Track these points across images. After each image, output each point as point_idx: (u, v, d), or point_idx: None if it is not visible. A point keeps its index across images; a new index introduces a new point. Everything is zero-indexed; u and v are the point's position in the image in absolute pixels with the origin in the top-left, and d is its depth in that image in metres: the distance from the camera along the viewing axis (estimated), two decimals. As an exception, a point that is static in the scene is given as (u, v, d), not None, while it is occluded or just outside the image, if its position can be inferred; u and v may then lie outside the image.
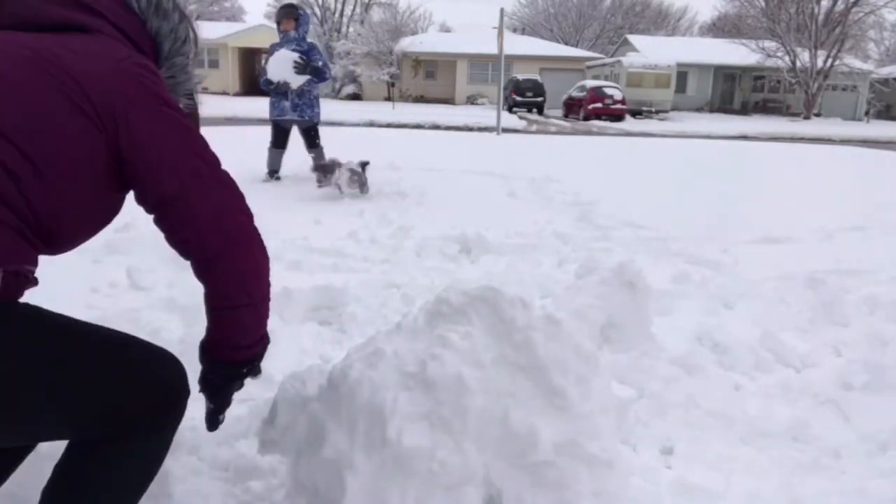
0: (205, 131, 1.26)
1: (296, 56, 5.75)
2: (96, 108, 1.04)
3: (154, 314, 2.53)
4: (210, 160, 1.17)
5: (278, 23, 6.03)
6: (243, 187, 1.23)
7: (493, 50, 17.60)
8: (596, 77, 31.36)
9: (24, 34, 1.09)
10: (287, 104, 5.97)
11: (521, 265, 3.53)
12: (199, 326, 2.41)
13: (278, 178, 6.21)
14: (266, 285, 1.23)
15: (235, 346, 1.24)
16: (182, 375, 1.21)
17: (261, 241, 1.21)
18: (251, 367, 1.31)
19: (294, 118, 6.03)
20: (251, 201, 1.22)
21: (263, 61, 6.12)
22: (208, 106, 5.42)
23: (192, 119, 1.23)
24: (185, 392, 1.22)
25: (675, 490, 1.62)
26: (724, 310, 2.96)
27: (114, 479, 1.15)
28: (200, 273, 1.18)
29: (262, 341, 1.29)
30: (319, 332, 2.62)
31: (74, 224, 1.11)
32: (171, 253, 1.21)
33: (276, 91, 5.94)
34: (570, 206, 5.44)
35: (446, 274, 3.38)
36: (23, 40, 1.07)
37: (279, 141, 6.21)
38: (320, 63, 5.92)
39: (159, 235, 1.18)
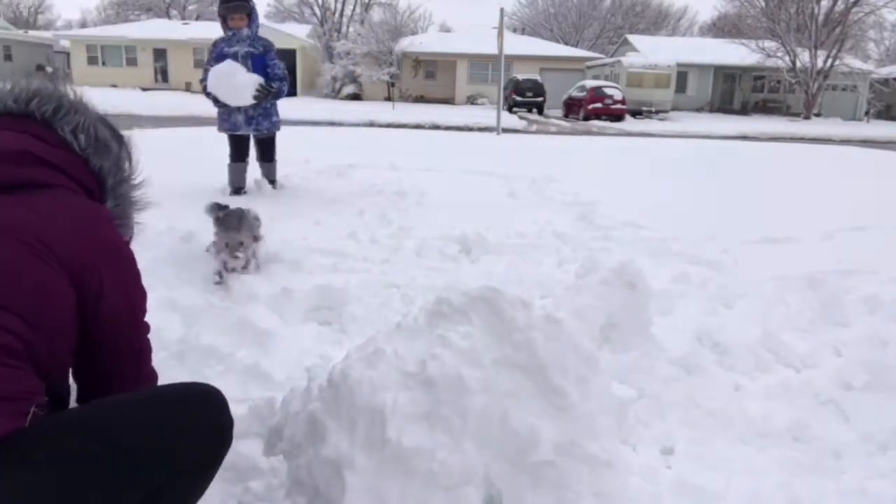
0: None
1: (256, 80, 4.91)
2: (66, 266, 1.10)
3: (154, 314, 2.51)
4: (140, 309, 1.29)
5: (223, 18, 5.00)
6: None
7: (493, 50, 17.61)
8: (596, 77, 31.37)
9: None
10: (240, 118, 5.08)
11: (521, 265, 3.53)
12: (199, 326, 2.42)
13: (244, 193, 5.28)
14: None
15: None
16: (221, 408, 1.22)
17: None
18: None
19: (250, 132, 5.19)
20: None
21: (206, 59, 5.10)
22: (209, 106, 5.33)
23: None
24: (228, 425, 1.23)
25: (675, 490, 1.62)
26: (724, 310, 2.96)
27: None
28: (98, 391, 1.25)
29: None
30: (319, 332, 2.62)
31: (62, 364, 1.19)
32: (171, 253, 1.22)
33: (219, 105, 5.06)
34: (570, 206, 5.43)
35: (446, 274, 3.37)
36: None
37: (238, 153, 5.30)
38: (279, 70, 5.09)
39: (159, 235, 1.19)
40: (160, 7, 50.45)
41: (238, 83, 4.91)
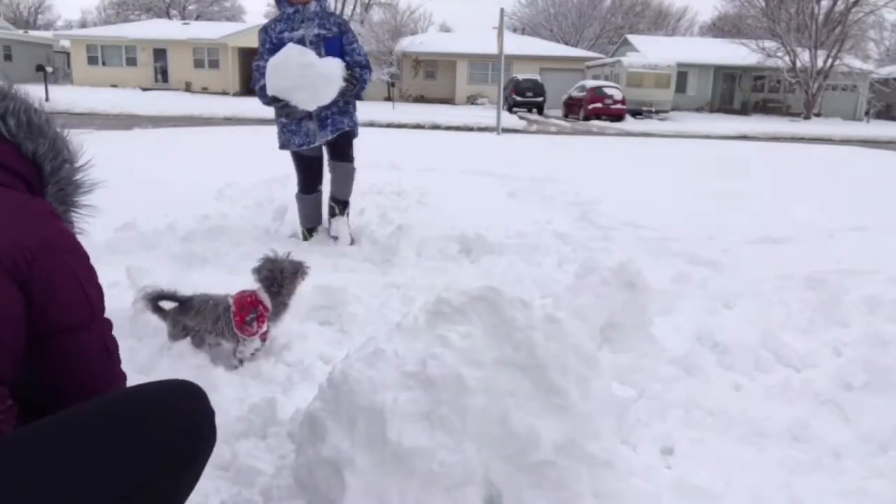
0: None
1: (340, 64, 3.58)
2: (8, 270, 1.03)
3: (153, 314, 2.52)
4: (98, 305, 1.18)
5: None
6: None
7: (493, 50, 17.61)
8: (596, 77, 31.37)
9: None
10: (312, 125, 3.69)
11: (521, 265, 3.53)
12: (199, 326, 2.39)
13: (311, 236, 3.98)
14: None
15: None
16: (197, 403, 1.15)
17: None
18: None
19: (327, 138, 3.76)
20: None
21: (258, 53, 3.70)
22: (209, 105, 5.31)
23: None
24: (205, 420, 1.15)
25: (675, 490, 1.62)
26: (724, 310, 2.96)
27: None
28: (68, 397, 1.15)
29: None
30: (319, 332, 2.62)
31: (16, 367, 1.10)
32: (171, 253, 1.21)
33: (288, 113, 3.67)
34: (570, 206, 5.43)
35: (446, 274, 3.37)
36: None
37: (310, 182, 3.91)
38: (362, 56, 3.73)
39: (159, 235, 1.19)
40: (160, 7, 50.48)
41: (319, 73, 3.48)
